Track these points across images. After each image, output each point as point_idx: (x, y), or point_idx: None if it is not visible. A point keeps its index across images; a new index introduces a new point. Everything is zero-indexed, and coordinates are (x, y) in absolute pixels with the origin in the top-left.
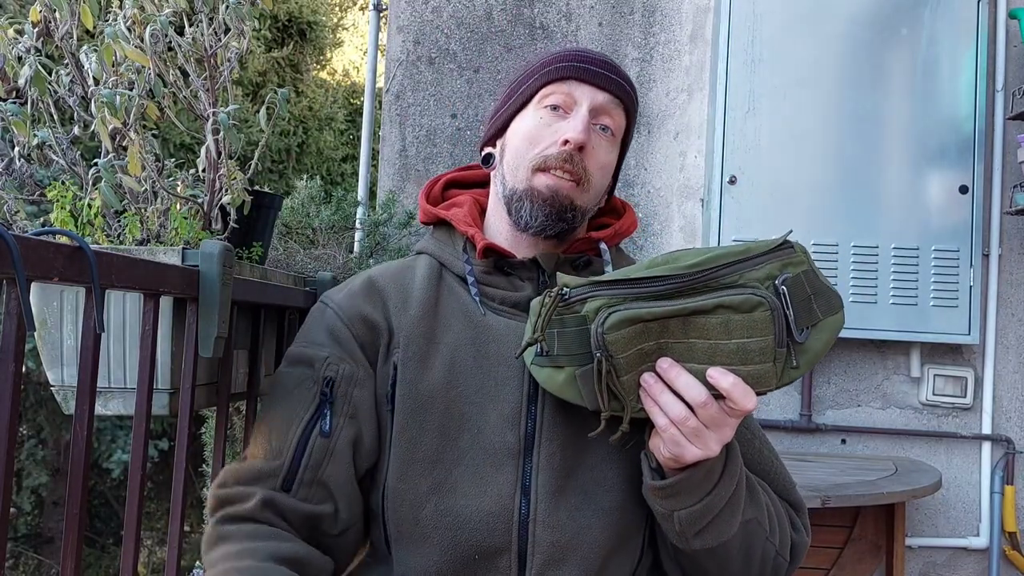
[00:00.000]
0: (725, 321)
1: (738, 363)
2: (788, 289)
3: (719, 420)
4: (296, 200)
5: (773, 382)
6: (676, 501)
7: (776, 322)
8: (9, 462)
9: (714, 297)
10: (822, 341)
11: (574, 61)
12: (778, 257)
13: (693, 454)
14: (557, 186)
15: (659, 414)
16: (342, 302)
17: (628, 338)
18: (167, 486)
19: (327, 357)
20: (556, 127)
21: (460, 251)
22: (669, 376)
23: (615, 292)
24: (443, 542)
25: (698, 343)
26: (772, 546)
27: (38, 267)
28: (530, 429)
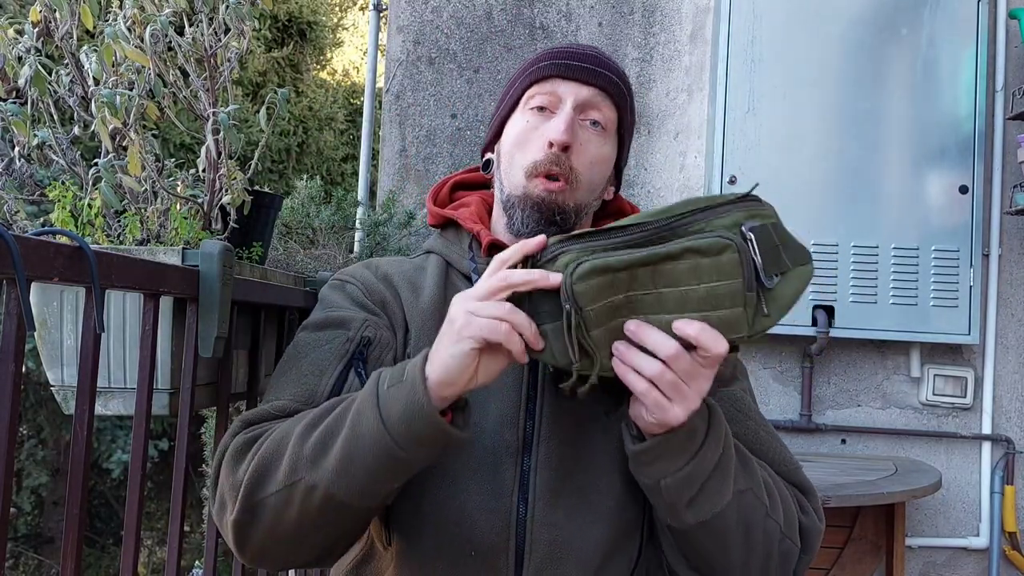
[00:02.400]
0: (694, 266)
1: (708, 308)
2: (756, 235)
3: (693, 371)
4: (296, 200)
5: (744, 328)
6: (660, 467)
7: (744, 265)
8: (9, 462)
9: (681, 242)
10: (792, 289)
11: (556, 59)
12: (745, 207)
13: (676, 414)
14: (546, 193)
15: (637, 379)
16: (364, 278)
17: (597, 289)
18: (167, 486)
19: (365, 319)
20: (542, 129)
21: (466, 249)
22: (639, 336)
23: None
24: (440, 538)
25: (668, 292)
26: (775, 524)
27: (38, 267)
28: (529, 428)
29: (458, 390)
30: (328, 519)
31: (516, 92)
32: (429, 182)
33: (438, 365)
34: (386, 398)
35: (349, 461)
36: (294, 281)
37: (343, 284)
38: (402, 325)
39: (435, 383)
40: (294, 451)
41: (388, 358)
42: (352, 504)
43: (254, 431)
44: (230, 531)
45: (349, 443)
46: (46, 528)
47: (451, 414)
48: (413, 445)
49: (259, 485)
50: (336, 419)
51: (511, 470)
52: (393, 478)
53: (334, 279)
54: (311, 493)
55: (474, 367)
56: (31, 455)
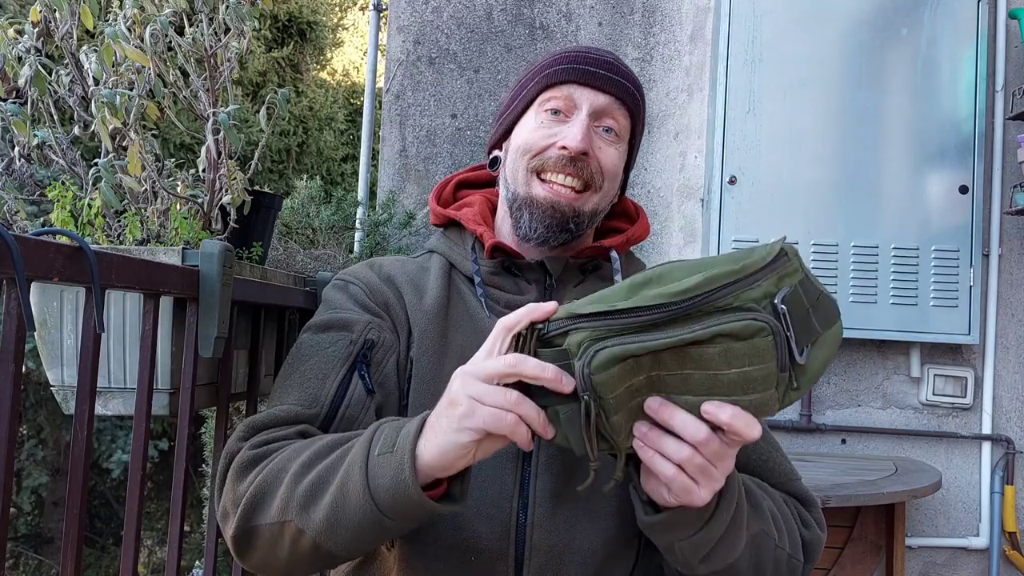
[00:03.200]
0: (724, 350)
1: (739, 393)
2: (788, 308)
3: (722, 453)
4: (296, 200)
5: (776, 407)
6: (674, 534)
7: (779, 346)
8: (9, 462)
9: (711, 326)
10: (822, 359)
11: (574, 63)
12: (774, 271)
13: (702, 497)
14: (556, 197)
15: (663, 463)
16: (367, 280)
17: (618, 377)
18: (167, 486)
19: (368, 322)
20: (555, 131)
21: (469, 250)
22: (662, 416)
23: (599, 324)
24: (441, 543)
25: (694, 374)
26: (783, 552)
27: (38, 267)
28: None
29: (452, 472)
30: (317, 560)
31: (530, 93)
32: (429, 182)
33: (434, 448)
34: (375, 467)
35: (336, 520)
36: (294, 281)
37: (346, 285)
38: (405, 327)
39: (427, 464)
40: (287, 491)
41: (391, 360)
42: (339, 555)
43: (258, 448)
44: (230, 544)
45: (336, 502)
46: (46, 528)
47: (446, 483)
48: (400, 516)
49: (254, 513)
50: (328, 469)
51: (511, 476)
52: (380, 537)
53: (337, 279)
54: (300, 537)
55: (472, 453)
56: (31, 455)
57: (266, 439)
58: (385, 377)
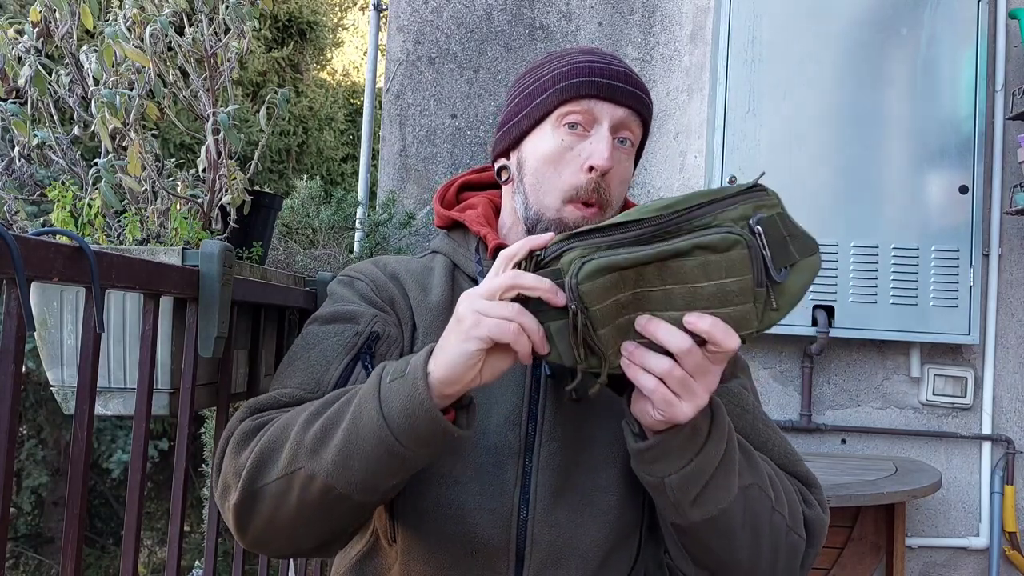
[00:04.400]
0: (703, 263)
1: (718, 305)
2: (764, 229)
3: (704, 367)
4: (296, 200)
5: (754, 323)
6: (664, 464)
7: (754, 260)
8: (9, 462)
9: (690, 238)
10: (800, 282)
11: (593, 76)
12: (750, 199)
13: (684, 411)
14: (583, 218)
15: (646, 376)
16: (373, 275)
17: (603, 288)
18: (167, 486)
19: (374, 315)
20: (579, 149)
21: (472, 251)
22: (648, 330)
23: (589, 242)
24: (442, 537)
25: (676, 288)
26: (781, 517)
27: (38, 267)
28: (531, 429)
29: (461, 389)
30: (327, 510)
31: (545, 105)
32: (429, 182)
33: (443, 363)
34: (387, 392)
35: (348, 453)
36: (294, 281)
37: (352, 280)
38: (409, 323)
39: (438, 380)
40: (295, 440)
41: (395, 354)
42: (351, 496)
43: (259, 418)
44: (231, 515)
45: (349, 435)
46: (46, 528)
47: (454, 412)
48: (413, 441)
49: (260, 472)
50: (338, 410)
51: (513, 470)
52: (392, 474)
53: (343, 275)
54: (310, 483)
55: (479, 366)
56: (31, 455)
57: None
58: None
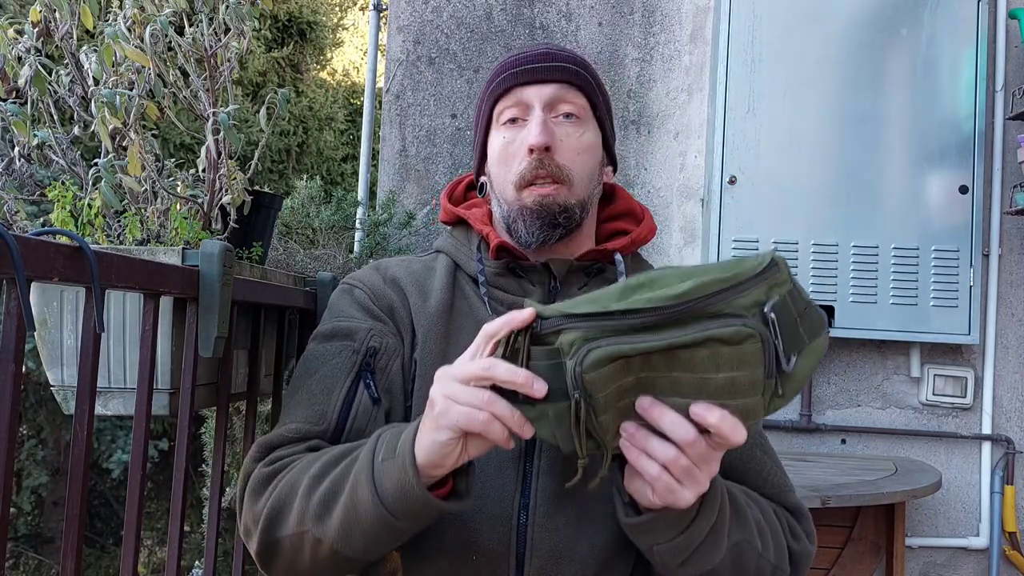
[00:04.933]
0: (713, 354)
1: (727, 397)
2: (777, 316)
3: (707, 456)
4: (296, 200)
5: (761, 413)
6: (654, 536)
7: (766, 353)
8: (9, 462)
9: (702, 330)
10: (807, 367)
11: (510, 68)
12: (764, 280)
13: (686, 498)
14: (542, 197)
15: (648, 462)
16: (372, 283)
17: (608, 376)
18: (167, 486)
19: (370, 329)
20: (519, 139)
21: (474, 250)
22: (652, 415)
23: (591, 325)
24: (442, 542)
25: (683, 377)
26: (767, 562)
27: (38, 267)
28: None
29: (447, 470)
30: (340, 565)
31: (486, 112)
32: (429, 182)
33: (420, 449)
34: (380, 473)
35: (349, 527)
36: (294, 281)
37: (351, 289)
38: (409, 329)
39: (422, 465)
40: (301, 504)
41: (395, 364)
42: (358, 559)
43: (271, 465)
44: (256, 558)
45: (348, 511)
46: (46, 528)
47: (452, 480)
48: (409, 517)
49: (274, 526)
50: (339, 478)
51: (513, 475)
52: (395, 540)
53: (343, 283)
54: (319, 546)
55: (458, 451)
56: (31, 455)
57: (278, 457)
58: (391, 382)
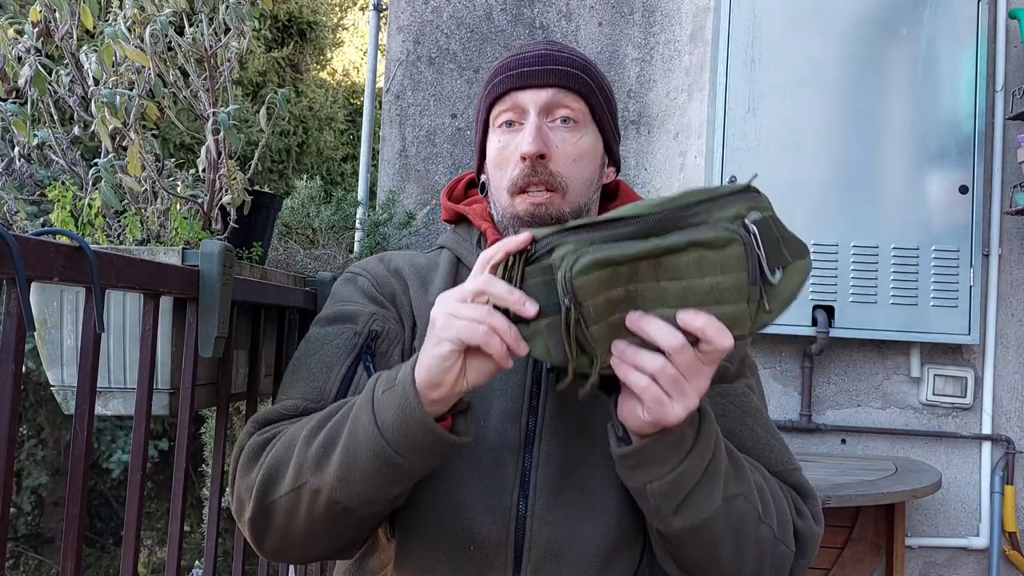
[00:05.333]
0: (698, 259)
1: (712, 303)
2: (759, 229)
3: (695, 367)
4: (296, 200)
5: (747, 323)
6: (647, 471)
7: (749, 258)
8: (9, 462)
9: (686, 234)
10: (792, 284)
11: (508, 71)
12: (745, 199)
13: (676, 412)
14: (535, 207)
15: (637, 375)
16: (375, 271)
17: (597, 283)
18: (167, 486)
19: (373, 313)
20: (514, 145)
21: (475, 245)
22: (640, 326)
23: (582, 236)
24: (440, 533)
25: (670, 285)
26: (768, 529)
27: (38, 267)
28: (531, 425)
29: (446, 392)
30: (335, 522)
31: (483, 114)
32: (429, 182)
33: (421, 368)
34: (380, 403)
35: (349, 467)
36: (294, 281)
37: (355, 277)
38: (410, 317)
39: (421, 386)
40: (299, 455)
41: (396, 351)
42: (356, 509)
43: (267, 433)
44: (248, 530)
45: (348, 449)
46: (46, 528)
47: (451, 418)
48: (409, 450)
49: (270, 488)
50: (337, 423)
51: (512, 467)
52: (393, 483)
53: (347, 272)
54: (316, 497)
55: (457, 369)
56: (31, 455)
57: (273, 428)
58: (390, 368)
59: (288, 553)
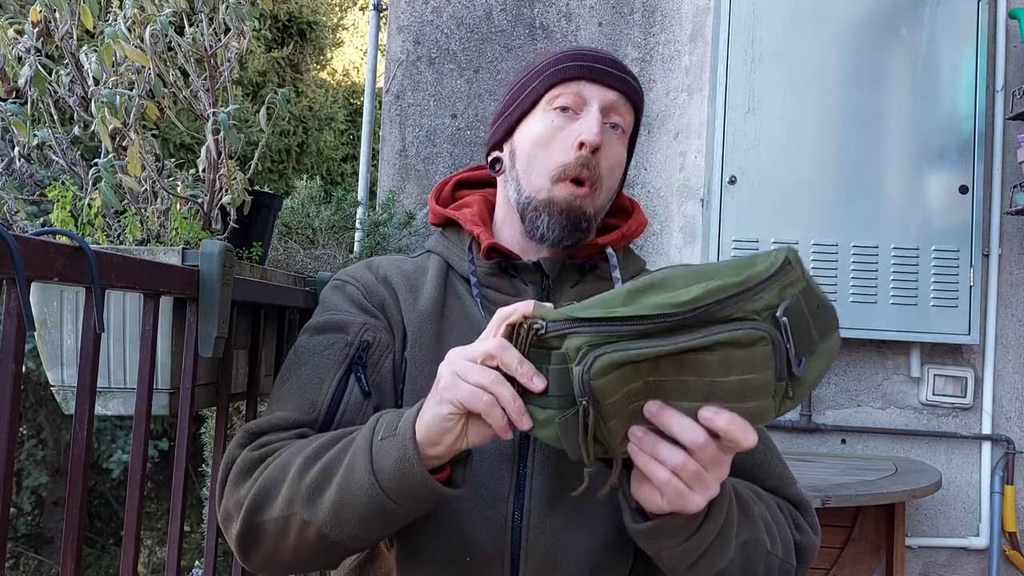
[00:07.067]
0: (723, 358)
1: (736, 400)
2: (789, 319)
3: (717, 459)
4: (296, 200)
5: (771, 416)
6: (662, 541)
7: (777, 356)
8: (9, 462)
9: (712, 334)
10: (818, 370)
11: (581, 60)
12: (777, 281)
13: (696, 503)
14: (574, 198)
15: (657, 467)
16: (364, 280)
17: (616, 382)
18: (167, 486)
19: (364, 323)
20: (569, 130)
21: (466, 251)
22: (661, 419)
23: (598, 330)
24: (437, 543)
25: (692, 380)
26: (775, 557)
27: (38, 267)
28: (525, 435)
29: (445, 451)
30: (324, 552)
31: (536, 91)
32: (429, 182)
33: (422, 424)
34: (379, 450)
35: (341, 508)
36: (294, 281)
37: (343, 285)
38: (400, 327)
39: (422, 441)
40: (292, 484)
41: (387, 361)
42: (345, 545)
43: (260, 450)
44: (234, 544)
45: (342, 490)
46: (46, 528)
47: (450, 468)
48: (404, 499)
49: (259, 509)
50: (333, 459)
51: (507, 476)
52: (386, 526)
53: (335, 279)
54: (306, 529)
55: (458, 431)
56: (31, 455)
57: (266, 442)
58: (381, 378)
59: (273, 570)
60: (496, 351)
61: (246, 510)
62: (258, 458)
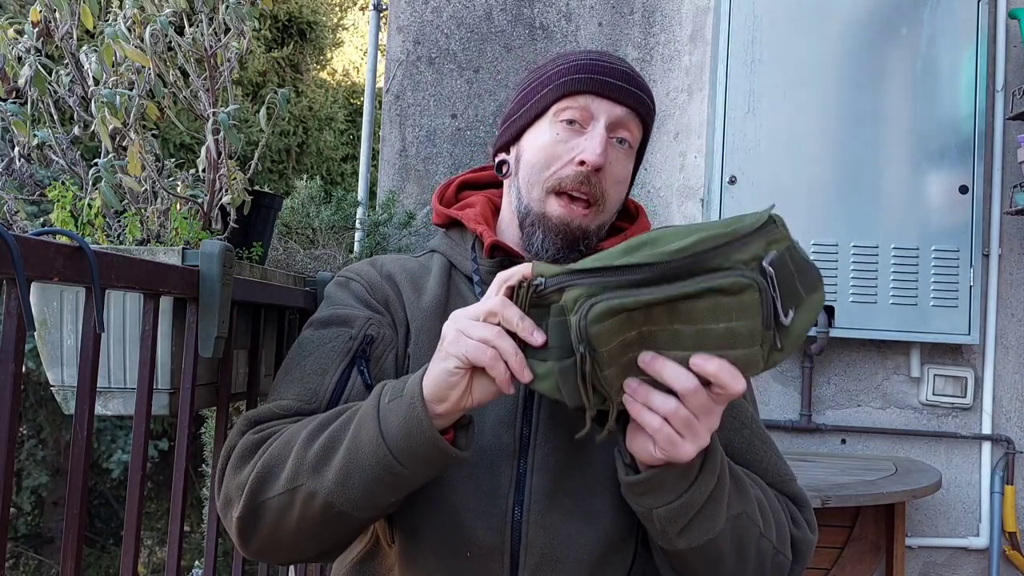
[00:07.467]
0: (713, 305)
1: (726, 347)
2: (775, 269)
3: (708, 407)
4: (296, 200)
5: (760, 365)
6: (653, 498)
7: (764, 304)
8: (9, 462)
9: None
10: (805, 322)
11: (592, 73)
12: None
13: (687, 451)
14: (569, 216)
15: (651, 415)
16: (368, 276)
17: (612, 330)
18: (167, 486)
19: (368, 318)
20: (572, 144)
21: (469, 250)
22: (654, 368)
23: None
24: (437, 539)
25: (684, 329)
26: (768, 542)
27: (38, 267)
28: (526, 431)
29: (451, 407)
30: (327, 525)
31: (545, 100)
32: (429, 182)
33: (428, 381)
34: (386, 412)
35: (348, 473)
36: (294, 281)
37: (348, 281)
38: (403, 324)
39: (429, 399)
40: (297, 457)
41: (390, 356)
42: (351, 514)
43: (261, 432)
44: (234, 528)
45: (349, 455)
46: (46, 528)
47: (453, 432)
48: (411, 461)
49: (263, 487)
50: (339, 428)
51: (507, 472)
52: (392, 492)
53: (339, 276)
54: (311, 500)
55: (463, 386)
56: (31, 455)
57: (267, 427)
58: (384, 373)
59: (272, 553)
60: (498, 308)
61: (248, 490)
62: (259, 440)
